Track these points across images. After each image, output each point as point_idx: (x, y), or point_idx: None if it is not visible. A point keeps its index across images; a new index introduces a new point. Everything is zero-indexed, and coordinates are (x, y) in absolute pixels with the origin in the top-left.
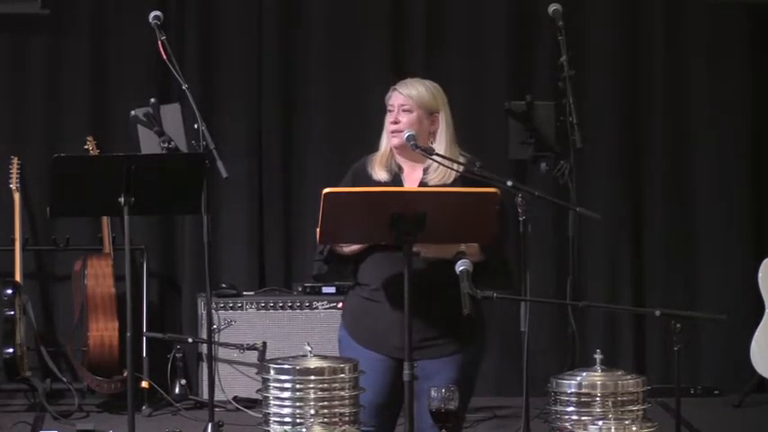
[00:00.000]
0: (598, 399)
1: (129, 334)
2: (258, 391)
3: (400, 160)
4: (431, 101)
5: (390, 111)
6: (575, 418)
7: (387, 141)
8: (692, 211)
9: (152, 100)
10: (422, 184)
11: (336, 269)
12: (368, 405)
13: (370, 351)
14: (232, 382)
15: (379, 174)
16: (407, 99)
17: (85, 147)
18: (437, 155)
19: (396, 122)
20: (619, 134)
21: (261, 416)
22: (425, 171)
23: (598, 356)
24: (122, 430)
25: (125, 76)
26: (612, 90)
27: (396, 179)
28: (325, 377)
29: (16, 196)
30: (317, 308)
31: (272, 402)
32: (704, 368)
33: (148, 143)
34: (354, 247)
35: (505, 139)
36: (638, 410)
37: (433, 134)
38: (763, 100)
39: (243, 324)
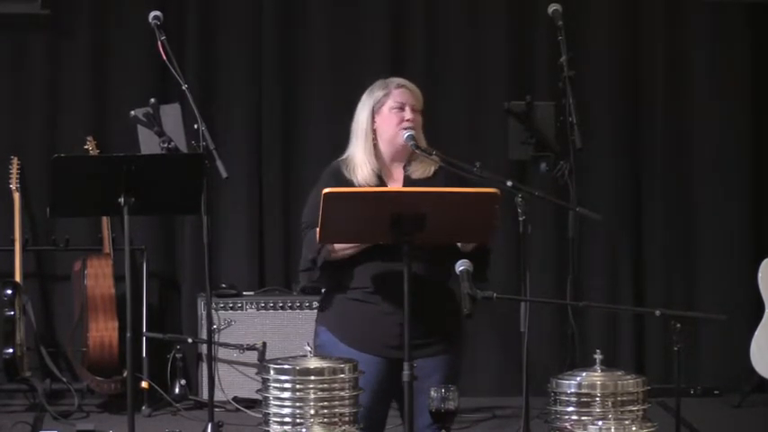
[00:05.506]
0: (598, 399)
1: (128, 334)
2: (258, 391)
3: (381, 160)
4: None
5: (401, 109)
6: (575, 418)
7: (366, 143)
8: (692, 211)
9: (152, 100)
10: (406, 178)
11: (329, 275)
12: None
13: (359, 353)
14: (232, 383)
15: (361, 176)
16: (418, 99)
17: (85, 147)
18: (437, 155)
19: (411, 121)
20: (619, 134)
21: (261, 416)
22: (405, 168)
23: (598, 356)
24: (122, 430)
25: (125, 76)
26: (612, 90)
27: (379, 180)
28: (325, 377)
29: (16, 196)
30: (316, 308)
31: (271, 402)
32: (704, 368)
33: (148, 143)
34: (349, 250)
35: (505, 139)
36: (638, 410)
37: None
38: (763, 100)
39: (243, 324)
